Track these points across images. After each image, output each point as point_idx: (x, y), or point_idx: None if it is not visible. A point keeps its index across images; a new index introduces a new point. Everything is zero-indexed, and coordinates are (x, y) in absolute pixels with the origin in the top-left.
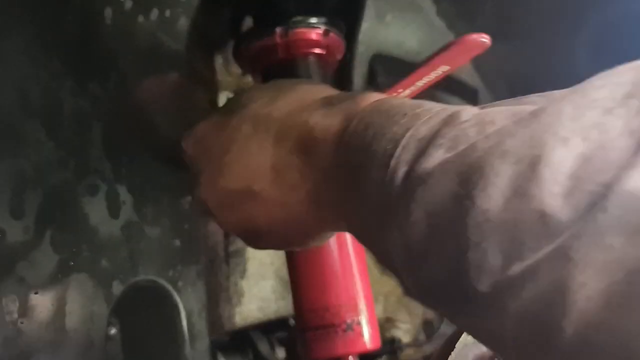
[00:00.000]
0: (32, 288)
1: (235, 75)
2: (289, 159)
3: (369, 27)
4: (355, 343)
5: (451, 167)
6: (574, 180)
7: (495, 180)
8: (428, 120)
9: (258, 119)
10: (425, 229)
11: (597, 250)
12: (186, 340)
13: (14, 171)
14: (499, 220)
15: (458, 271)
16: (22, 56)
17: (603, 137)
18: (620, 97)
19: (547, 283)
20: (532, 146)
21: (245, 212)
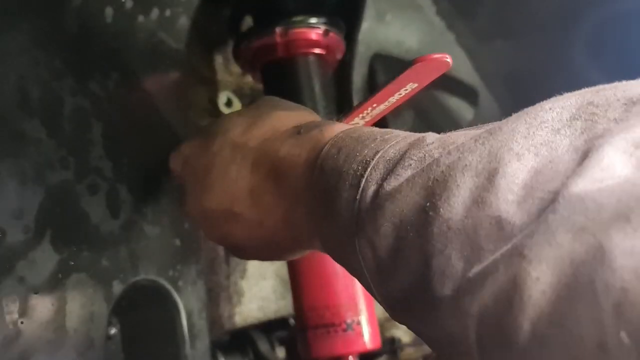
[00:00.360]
0: (32, 288)
1: (235, 75)
2: (264, 185)
3: (369, 26)
4: (355, 342)
5: (417, 181)
6: (527, 190)
7: (456, 192)
8: (395, 144)
9: (236, 147)
10: (393, 241)
11: (548, 247)
12: (186, 340)
13: (15, 170)
14: (460, 227)
15: (424, 278)
16: (23, 55)
17: (552, 153)
18: (566, 119)
19: (504, 281)
20: (490, 160)
21: (228, 229)
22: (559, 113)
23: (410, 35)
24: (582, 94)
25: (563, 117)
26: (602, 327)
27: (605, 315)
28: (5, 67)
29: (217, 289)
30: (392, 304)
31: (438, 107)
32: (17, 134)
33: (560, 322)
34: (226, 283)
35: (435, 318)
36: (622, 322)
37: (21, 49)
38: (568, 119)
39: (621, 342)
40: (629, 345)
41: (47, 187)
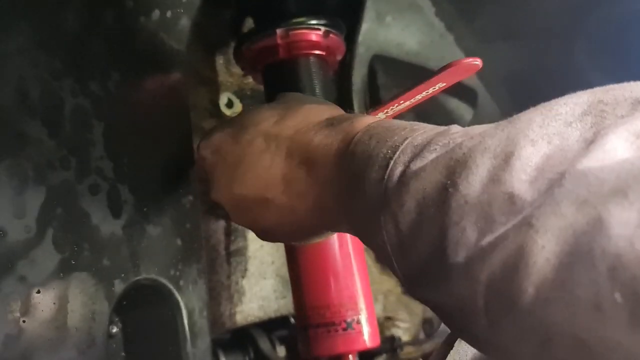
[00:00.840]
0: (33, 287)
1: (236, 76)
2: (297, 172)
3: (369, 28)
4: (355, 341)
5: (440, 161)
6: (538, 171)
7: (475, 171)
8: (423, 133)
9: (269, 137)
10: (415, 216)
11: (554, 218)
12: (187, 339)
13: (16, 170)
14: (476, 201)
15: (440, 248)
16: (24, 56)
17: (563, 142)
18: (578, 114)
19: (513, 249)
20: (508, 144)
21: (258, 214)
22: (572, 108)
23: (410, 36)
24: (594, 93)
25: (575, 112)
26: (599, 288)
27: (601, 278)
28: (5, 67)
29: (218, 288)
30: (410, 276)
31: (437, 108)
32: (18, 135)
33: (561, 285)
34: (227, 282)
35: (448, 286)
36: (616, 283)
37: (22, 49)
38: (580, 114)
39: (615, 301)
40: (622, 304)
41: (48, 187)
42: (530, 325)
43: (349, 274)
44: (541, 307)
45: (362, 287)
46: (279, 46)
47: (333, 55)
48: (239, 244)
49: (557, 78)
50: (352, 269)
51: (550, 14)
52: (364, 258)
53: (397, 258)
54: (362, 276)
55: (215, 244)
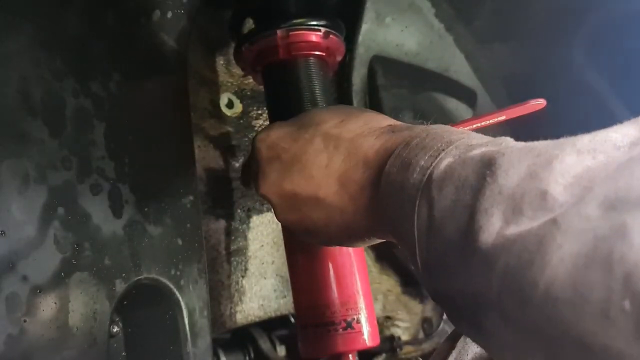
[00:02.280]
0: (35, 286)
1: (237, 76)
2: (353, 173)
3: (369, 28)
4: (355, 340)
5: (486, 154)
6: (577, 179)
7: (517, 165)
8: (480, 137)
9: (329, 137)
10: (451, 201)
11: (578, 219)
12: (188, 338)
13: (18, 170)
14: (510, 192)
15: (466, 232)
16: (25, 56)
17: (608, 161)
18: (627, 142)
19: (532, 242)
20: (554, 148)
21: (306, 213)
22: (622, 136)
23: (410, 37)
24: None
25: (625, 141)
26: (610, 293)
27: (615, 283)
28: (7, 68)
29: (219, 287)
30: (429, 265)
31: (437, 108)
32: (20, 135)
33: (572, 287)
34: (227, 282)
35: (466, 273)
36: (628, 291)
37: (23, 50)
38: (629, 143)
39: (623, 309)
40: (630, 313)
41: (50, 187)
42: (539, 322)
43: (349, 274)
44: (550, 306)
45: (362, 287)
46: (279, 47)
47: (333, 56)
48: (240, 243)
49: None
50: (352, 269)
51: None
52: (363, 258)
53: (421, 244)
54: (362, 276)
55: (215, 244)
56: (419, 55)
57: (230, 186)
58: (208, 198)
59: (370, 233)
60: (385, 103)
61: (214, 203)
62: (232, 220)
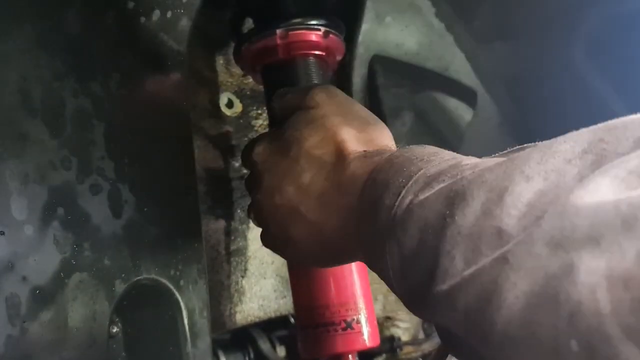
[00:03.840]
0: (34, 287)
1: (236, 76)
2: (331, 194)
3: (369, 28)
4: (355, 341)
5: (443, 192)
6: (529, 207)
7: (471, 203)
8: (438, 164)
9: (312, 160)
10: (417, 242)
11: (529, 257)
12: (187, 339)
13: (17, 170)
14: (468, 232)
15: (431, 274)
16: (25, 56)
17: (559, 179)
18: (578, 152)
19: (488, 281)
20: (503, 179)
21: (289, 225)
22: (572, 146)
23: (410, 36)
24: (595, 131)
25: (575, 150)
26: (558, 333)
27: (562, 323)
28: (7, 68)
29: (218, 288)
30: (408, 298)
31: (437, 108)
32: (20, 135)
33: (526, 325)
34: (227, 282)
35: (435, 312)
36: (573, 330)
37: (23, 50)
38: (580, 152)
39: (571, 349)
40: (577, 353)
41: (50, 187)
42: None
43: (349, 274)
44: (508, 345)
45: (362, 287)
46: (278, 46)
47: (333, 56)
48: (239, 243)
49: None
50: (351, 269)
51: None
52: None
53: (397, 282)
54: (362, 276)
55: (215, 244)
56: (419, 54)
57: (230, 186)
58: (208, 198)
59: (348, 254)
60: (385, 102)
61: (214, 203)
62: (231, 220)
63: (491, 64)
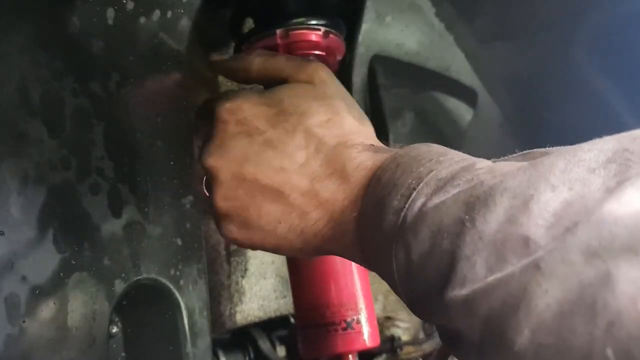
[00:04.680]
0: (34, 287)
1: None
2: (327, 181)
3: (369, 28)
4: (355, 341)
5: (461, 197)
6: (556, 218)
7: (494, 209)
8: (449, 166)
9: (312, 137)
10: (428, 247)
11: (562, 264)
12: (188, 339)
13: (16, 170)
14: (491, 239)
15: (446, 279)
16: (24, 56)
17: (584, 190)
18: (602, 161)
19: (516, 287)
20: (528, 187)
21: (259, 202)
22: (596, 155)
23: (410, 36)
24: (619, 140)
25: (600, 159)
26: (593, 341)
27: (598, 331)
28: (6, 67)
29: (219, 287)
30: (413, 301)
31: (437, 108)
32: (19, 135)
33: (557, 332)
34: (227, 282)
35: (447, 316)
36: (610, 339)
37: (22, 49)
38: (604, 161)
39: (606, 357)
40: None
41: (49, 187)
42: None
43: (349, 274)
44: (532, 352)
45: (362, 287)
46: (278, 46)
47: (333, 56)
48: None
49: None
50: (351, 269)
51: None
52: None
53: (402, 285)
54: (362, 276)
55: (215, 244)
56: (419, 54)
57: None
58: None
59: (333, 245)
60: (386, 102)
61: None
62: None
63: (492, 64)
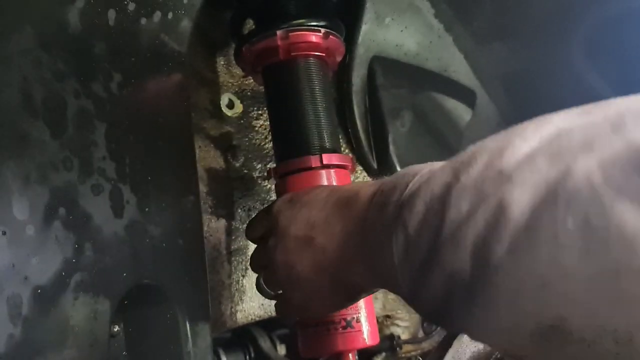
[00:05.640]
0: (36, 287)
1: (237, 76)
2: (338, 213)
3: (369, 29)
4: (354, 340)
5: (448, 166)
6: (527, 156)
7: (475, 165)
8: (434, 164)
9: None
10: (422, 216)
11: (530, 173)
12: (188, 338)
13: (19, 171)
14: (473, 184)
15: (437, 232)
16: (26, 57)
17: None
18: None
19: (494, 205)
20: (504, 142)
21: (298, 256)
22: (563, 117)
23: (409, 37)
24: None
25: (568, 118)
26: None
27: (560, 210)
28: (9, 68)
29: (219, 287)
30: (411, 281)
31: (436, 108)
32: (21, 136)
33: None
34: (228, 281)
35: (440, 265)
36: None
37: (24, 50)
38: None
39: (567, 228)
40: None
41: (51, 188)
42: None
43: None
44: (512, 260)
45: None
46: (279, 47)
47: (333, 56)
48: (240, 243)
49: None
50: None
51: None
52: None
53: (401, 268)
54: None
55: (216, 244)
56: (418, 55)
57: (230, 186)
58: (209, 198)
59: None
60: (385, 103)
61: (215, 203)
62: (232, 220)
63: (490, 65)
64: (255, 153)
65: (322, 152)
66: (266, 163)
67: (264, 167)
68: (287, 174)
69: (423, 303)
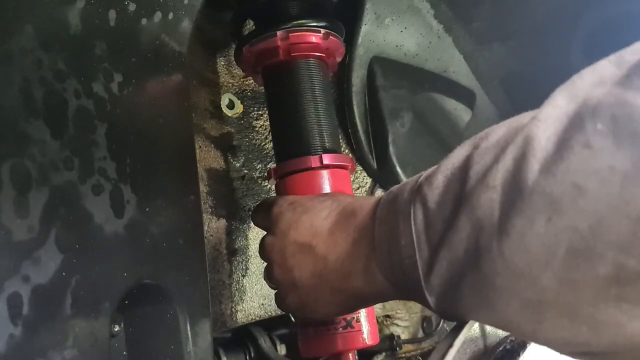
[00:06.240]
0: (36, 286)
1: (237, 77)
2: (342, 223)
3: (368, 30)
4: (355, 339)
5: (466, 143)
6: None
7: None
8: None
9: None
10: (442, 188)
11: (552, 109)
12: (189, 337)
13: (19, 171)
14: (494, 144)
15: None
16: (27, 57)
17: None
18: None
19: (521, 141)
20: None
21: (297, 261)
22: None
23: (409, 38)
24: None
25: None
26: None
27: (587, 121)
28: (10, 68)
29: (220, 287)
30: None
31: (436, 108)
32: (22, 135)
33: (559, 153)
34: (228, 281)
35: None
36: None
37: (25, 50)
38: None
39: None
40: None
41: (52, 188)
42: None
43: None
44: (544, 183)
45: None
46: (279, 48)
47: (333, 57)
48: (240, 243)
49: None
50: None
51: (547, 15)
52: None
53: (419, 241)
54: None
55: (216, 243)
56: (418, 56)
57: (231, 186)
58: (209, 198)
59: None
60: (385, 103)
61: (215, 203)
62: (233, 220)
63: (490, 65)
64: (255, 153)
65: (322, 152)
66: (266, 163)
67: (264, 167)
68: (287, 174)
69: (442, 271)
